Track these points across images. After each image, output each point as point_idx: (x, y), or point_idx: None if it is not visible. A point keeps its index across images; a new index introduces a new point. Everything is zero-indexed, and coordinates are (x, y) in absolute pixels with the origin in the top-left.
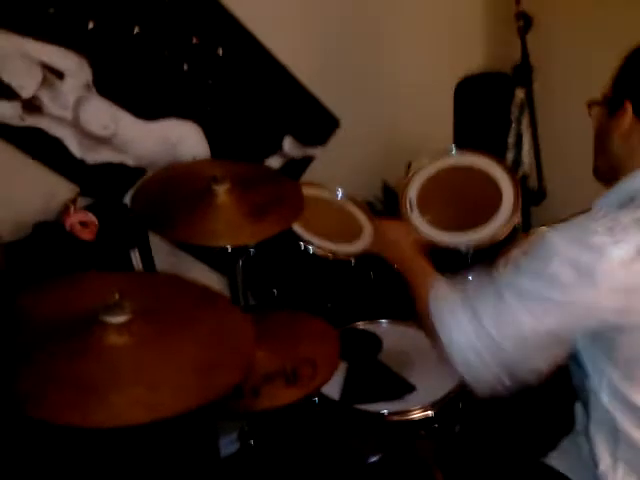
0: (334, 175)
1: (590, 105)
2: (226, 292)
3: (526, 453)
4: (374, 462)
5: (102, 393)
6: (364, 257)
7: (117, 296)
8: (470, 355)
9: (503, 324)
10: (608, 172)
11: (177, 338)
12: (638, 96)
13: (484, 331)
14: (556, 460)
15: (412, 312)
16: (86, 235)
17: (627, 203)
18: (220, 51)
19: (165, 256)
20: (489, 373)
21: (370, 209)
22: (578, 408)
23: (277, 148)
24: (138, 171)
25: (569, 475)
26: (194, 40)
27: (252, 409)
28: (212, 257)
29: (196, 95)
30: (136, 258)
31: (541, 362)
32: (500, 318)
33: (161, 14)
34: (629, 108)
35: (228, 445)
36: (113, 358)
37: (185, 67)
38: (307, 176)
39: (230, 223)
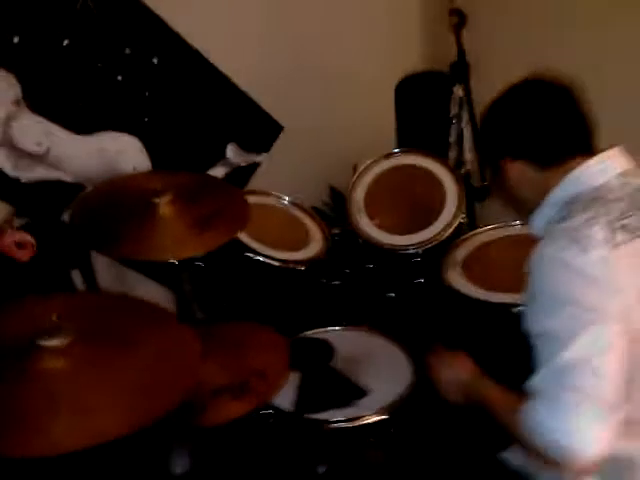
0: (280, 182)
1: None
2: (174, 307)
3: (482, 450)
4: (323, 473)
5: (40, 421)
6: (314, 264)
7: (55, 318)
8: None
9: (602, 370)
10: (534, 210)
11: (119, 359)
12: (509, 147)
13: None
14: (512, 455)
15: (365, 318)
16: (23, 256)
17: (565, 211)
18: (155, 60)
19: (109, 274)
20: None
21: (318, 214)
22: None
23: (220, 156)
24: (76, 187)
25: (525, 469)
26: (127, 50)
27: (200, 425)
28: (158, 272)
29: (132, 106)
30: (78, 278)
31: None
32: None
33: (91, 25)
34: (509, 161)
35: (180, 463)
36: (50, 383)
37: (119, 78)
38: (253, 184)
39: (174, 236)
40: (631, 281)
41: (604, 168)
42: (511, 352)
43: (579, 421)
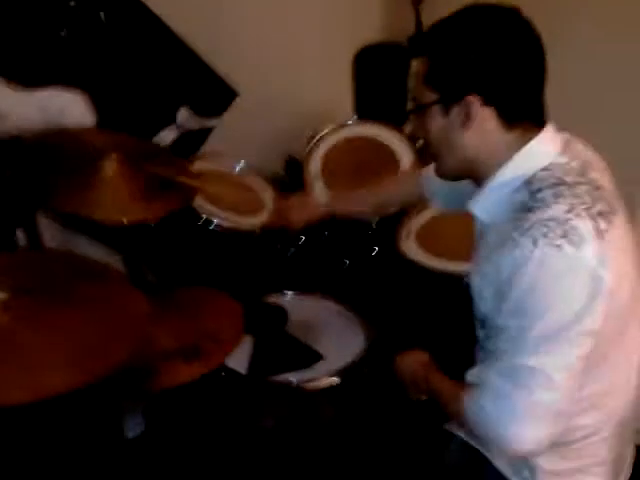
0: (235, 148)
1: (410, 115)
2: (123, 270)
3: (429, 420)
4: (272, 427)
5: None
6: (268, 229)
7: None
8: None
9: (560, 386)
10: (463, 171)
11: (63, 315)
12: (483, 85)
13: (546, 404)
14: (457, 425)
15: (320, 285)
16: None
17: (525, 196)
18: (102, 15)
19: (55, 237)
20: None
21: (274, 182)
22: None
23: (171, 119)
24: (18, 143)
25: (469, 440)
26: (72, 3)
27: (152, 388)
28: (107, 235)
29: (79, 62)
30: (22, 238)
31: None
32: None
33: None
34: (475, 100)
35: (134, 427)
36: None
37: (63, 33)
38: (206, 148)
39: (122, 197)
40: (617, 270)
41: (548, 148)
42: (461, 321)
43: (525, 427)
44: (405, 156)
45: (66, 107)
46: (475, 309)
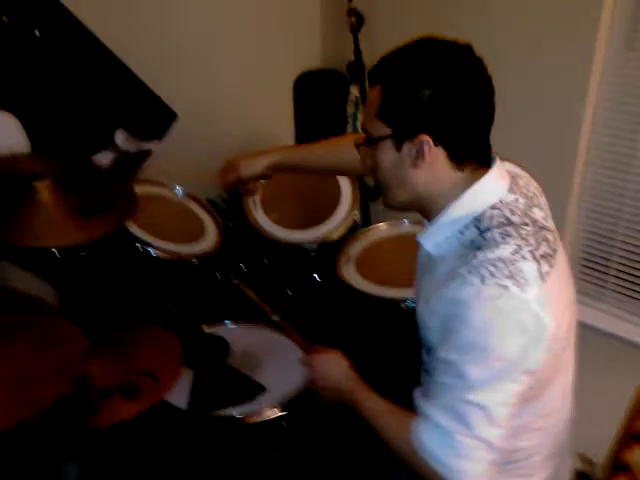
0: (174, 172)
1: (358, 145)
2: (56, 303)
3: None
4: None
5: None
6: (207, 257)
7: None
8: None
9: (501, 421)
10: (412, 205)
11: None
12: (434, 125)
13: (488, 440)
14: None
15: (261, 316)
16: None
17: (472, 234)
18: (37, 32)
19: None
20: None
21: (214, 208)
22: (417, 394)
23: (109, 142)
24: None
25: None
26: (4, 18)
27: (89, 427)
28: (39, 265)
29: (10, 82)
30: None
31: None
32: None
33: None
34: (427, 139)
35: (70, 473)
36: None
37: None
38: (145, 173)
39: (53, 222)
40: (556, 311)
41: (496, 186)
42: (400, 346)
43: (464, 462)
44: (345, 182)
45: None
46: (421, 336)
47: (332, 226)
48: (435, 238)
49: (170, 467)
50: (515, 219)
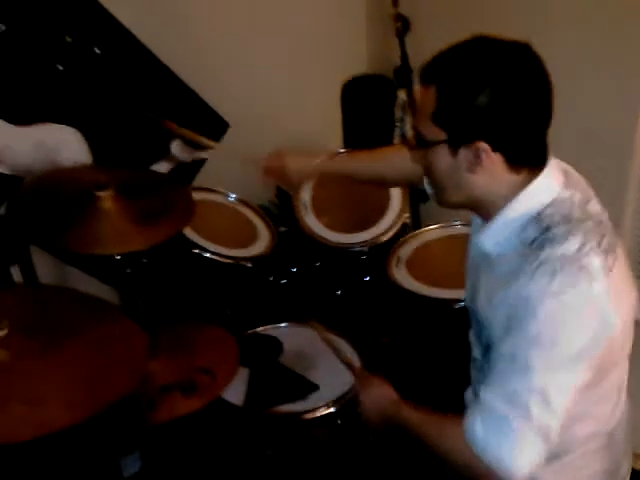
0: (227, 179)
1: (412, 147)
2: (118, 304)
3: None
4: (271, 455)
5: None
6: (261, 261)
7: None
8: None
9: (558, 408)
10: (464, 204)
11: (62, 350)
12: (492, 133)
13: (543, 427)
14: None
15: (313, 316)
16: None
17: (533, 231)
18: (97, 50)
19: (49, 272)
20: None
21: (266, 213)
22: (469, 394)
23: (165, 152)
24: (14, 180)
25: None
26: (68, 38)
27: (151, 422)
28: (101, 269)
29: (74, 97)
30: (17, 274)
31: None
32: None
33: (29, 11)
34: (485, 146)
35: (131, 464)
36: None
37: (60, 68)
38: (199, 181)
39: (117, 230)
40: (621, 303)
41: (552, 184)
42: (452, 346)
43: (519, 452)
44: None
45: (61, 143)
46: (480, 335)
47: (382, 229)
48: (496, 238)
49: (226, 461)
50: (575, 215)
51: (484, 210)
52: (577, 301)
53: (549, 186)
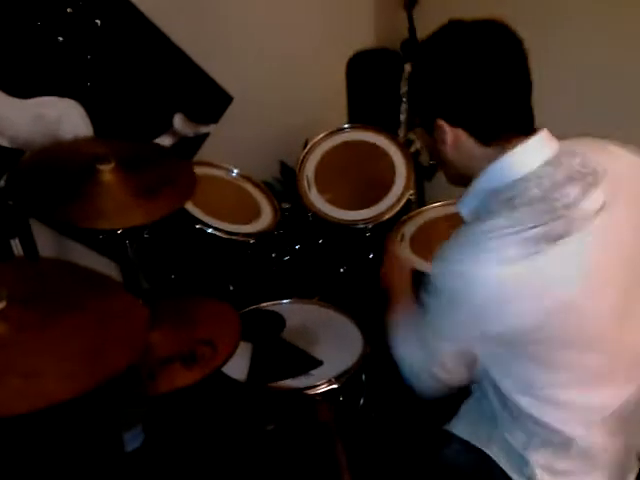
0: (230, 154)
1: (414, 130)
2: (119, 279)
3: (429, 422)
4: (272, 430)
5: None
6: (263, 237)
7: None
8: (412, 369)
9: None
10: (460, 178)
11: (61, 323)
12: (445, 109)
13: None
14: (457, 427)
15: (316, 292)
16: None
17: (492, 205)
18: (98, 22)
19: (50, 246)
20: (425, 385)
21: (269, 189)
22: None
23: (167, 126)
24: (13, 152)
25: (471, 440)
26: (68, 10)
27: (150, 393)
28: (102, 243)
29: (74, 70)
30: (17, 248)
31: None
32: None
33: None
34: (443, 123)
35: (133, 439)
36: None
37: (60, 39)
38: (202, 155)
39: (118, 204)
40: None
41: (527, 159)
42: None
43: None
44: (400, 161)
45: (62, 115)
46: None
47: (386, 206)
48: (468, 206)
49: (227, 436)
50: (534, 192)
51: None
52: (472, 272)
53: (522, 161)
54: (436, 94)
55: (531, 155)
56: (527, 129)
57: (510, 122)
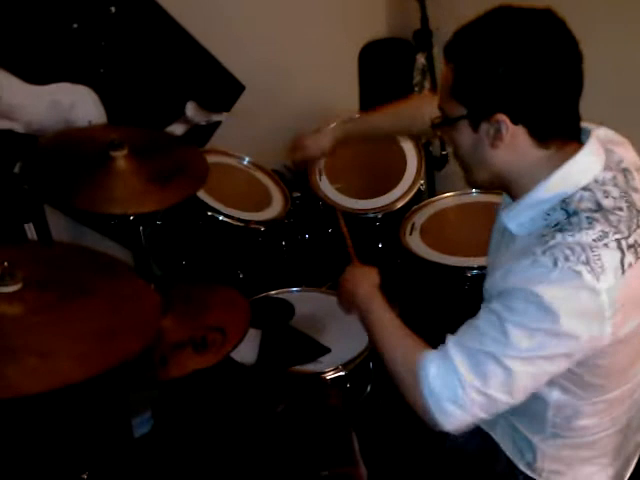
0: (241, 143)
1: (435, 125)
2: (131, 265)
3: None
4: (282, 411)
5: None
6: (274, 225)
7: (6, 265)
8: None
9: (517, 392)
10: (491, 183)
11: (75, 306)
12: (510, 104)
13: (493, 401)
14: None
15: (325, 281)
16: None
17: (559, 218)
18: (112, 9)
19: (63, 232)
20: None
21: (279, 178)
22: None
23: (179, 114)
24: (28, 138)
25: (479, 423)
26: None
27: (161, 378)
28: (115, 230)
29: (88, 56)
30: (31, 232)
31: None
32: (513, 387)
33: None
34: (504, 118)
35: (141, 425)
36: (4, 328)
37: (75, 26)
38: (213, 143)
39: (130, 190)
40: (626, 308)
41: (590, 165)
42: (463, 314)
43: (456, 409)
44: (411, 151)
45: (76, 102)
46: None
47: (397, 195)
48: (519, 219)
49: (237, 419)
50: (607, 203)
51: (512, 189)
52: (571, 295)
53: (585, 167)
54: (506, 84)
55: (594, 159)
56: (577, 134)
57: (569, 122)
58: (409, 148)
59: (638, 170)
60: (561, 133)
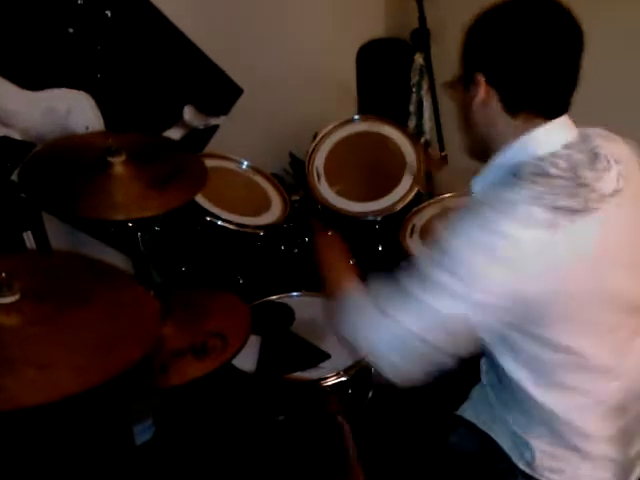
0: (240, 147)
1: (445, 86)
2: (130, 271)
3: (440, 407)
4: (282, 420)
5: None
6: (273, 229)
7: (4, 275)
8: (395, 358)
9: (421, 318)
10: (478, 149)
11: (74, 316)
12: (487, 65)
13: (403, 329)
14: (467, 411)
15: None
16: None
17: (509, 179)
18: (108, 13)
19: (62, 239)
20: (415, 369)
21: (278, 181)
22: (483, 363)
23: (177, 118)
24: (26, 145)
25: (476, 423)
26: (79, 1)
27: (162, 385)
28: (113, 236)
29: (85, 61)
30: (30, 241)
31: (462, 348)
32: (418, 313)
33: None
34: (481, 79)
35: (143, 432)
36: (2, 339)
37: (70, 31)
38: (211, 147)
39: (129, 195)
40: (555, 264)
41: (550, 139)
42: None
43: (401, 359)
44: (410, 153)
45: (73, 107)
46: None
47: (396, 197)
48: (483, 182)
49: (238, 427)
50: (552, 171)
51: (488, 156)
52: (502, 228)
53: (547, 140)
54: (485, 48)
55: (556, 135)
56: (554, 115)
57: (542, 101)
58: (407, 148)
59: (628, 161)
60: (532, 107)
